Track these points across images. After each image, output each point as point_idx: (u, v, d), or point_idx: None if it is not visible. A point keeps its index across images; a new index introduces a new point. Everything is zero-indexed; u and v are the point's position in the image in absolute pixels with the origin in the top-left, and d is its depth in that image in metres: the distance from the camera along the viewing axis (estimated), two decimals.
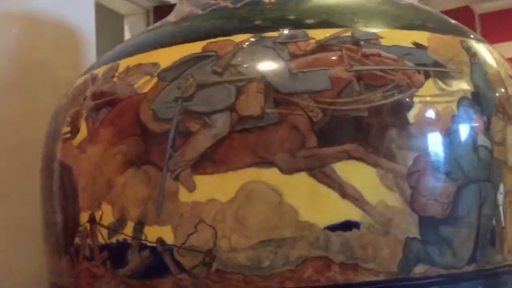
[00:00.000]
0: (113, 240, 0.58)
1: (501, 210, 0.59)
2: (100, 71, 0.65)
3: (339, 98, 0.54)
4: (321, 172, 0.53)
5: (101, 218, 0.59)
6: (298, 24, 0.59)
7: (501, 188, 0.59)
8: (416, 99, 0.56)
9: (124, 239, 0.57)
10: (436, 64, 0.58)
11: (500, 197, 0.59)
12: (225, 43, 0.58)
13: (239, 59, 0.56)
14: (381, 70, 0.56)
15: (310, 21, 0.59)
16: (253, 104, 0.54)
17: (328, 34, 0.58)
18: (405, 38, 0.59)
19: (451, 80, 0.58)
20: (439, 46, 0.60)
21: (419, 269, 0.54)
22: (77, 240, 0.62)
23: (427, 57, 0.58)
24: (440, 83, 0.57)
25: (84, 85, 0.66)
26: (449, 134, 0.56)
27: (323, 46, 0.57)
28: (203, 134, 0.55)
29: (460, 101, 0.58)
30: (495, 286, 0.59)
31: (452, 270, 0.56)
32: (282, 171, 0.53)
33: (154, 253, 0.56)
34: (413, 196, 0.54)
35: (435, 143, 0.56)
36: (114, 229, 0.58)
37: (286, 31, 0.58)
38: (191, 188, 0.55)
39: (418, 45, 0.59)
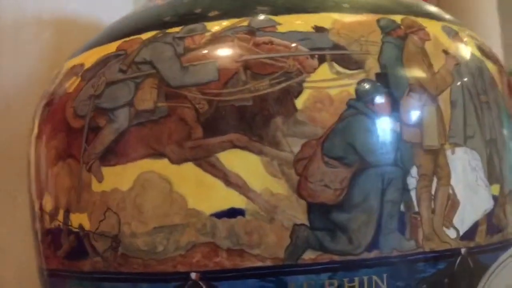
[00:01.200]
0: (52, 225, 0.64)
1: (414, 195, 0.56)
2: (55, 72, 0.71)
3: (225, 88, 0.55)
4: (206, 162, 0.54)
5: (45, 206, 0.65)
6: (201, 17, 0.60)
7: (414, 171, 0.56)
8: (306, 85, 0.55)
9: (59, 225, 0.63)
10: (335, 47, 0.56)
11: (412, 181, 0.56)
12: (135, 41, 0.60)
13: (141, 56, 0.59)
14: (270, 58, 0.55)
15: (213, 13, 0.60)
16: (147, 98, 0.57)
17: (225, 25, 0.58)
18: (306, 22, 0.58)
19: (351, 62, 0.56)
20: (345, 28, 0.58)
21: (308, 255, 0.54)
22: (36, 225, 0.68)
23: (326, 40, 0.56)
24: (337, 67, 0.55)
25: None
26: (343, 119, 0.54)
27: (217, 38, 0.57)
28: (108, 129, 0.58)
29: (359, 84, 0.55)
30: (408, 273, 0.56)
31: (348, 256, 0.54)
32: (172, 161, 0.55)
33: (77, 238, 0.61)
34: (300, 183, 0.53)
35: (325, 128, 0.54)
36: (52, 215, 0.64)
37: (189, 26, 0.59)
38: (100, 178, 0.59)
39: (318, 29, 0.57)
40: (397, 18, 0.60)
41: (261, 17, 0.58)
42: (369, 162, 0.54)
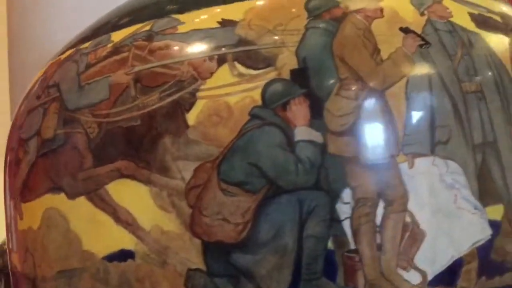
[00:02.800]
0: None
1: (348, 226, 0.41)
2: None
3: (114, 108, 0.46)
4: (97, 195, 0.46)
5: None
6: (112, 27, 0.51)
7: (346, 195, 0.41)
8: (200, 94, 0.43)
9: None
10: (240, 43, 0.44)
11: (345, 209, 0.41)
12: (55, 63, 0.54)
13: (53, 79, 0.52)
14: (163, 66, 0.45)
15: (123, 20, 0.51)
16: (49, 126, 0.50)
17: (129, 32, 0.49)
18: (213, 16, 0.46)
19: (259, 60, 0.43)
20: (259, 17, 0.45)
21: None
22: None
23: (231, 36, 0.44)
24: (240, 67, 0.43)
25: None
26: (244, 133, 0.42)
27: (116, 49, 0.48)
28: (24, 161, 0.52)
29: (267, 86, 0.42)
30: None
31: None
32: (68, 196, 0.47)
33: (14, 278, 0.56)
34: (193, 217, 0.42)
35: (222, 147, 0.42)
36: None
37: (97, 39, 0.51)
38: (21, 216, 0.53)
39: (224, 23, 0.45)
40: None
41: (165, 18, 0.47)
42: (281, 187, 0.41)
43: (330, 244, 0.41)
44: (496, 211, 0.43)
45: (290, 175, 0.41)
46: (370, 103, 0.42)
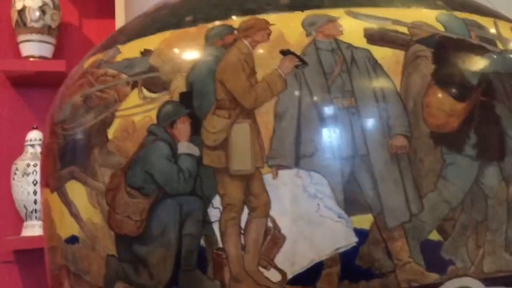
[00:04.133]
0: None
1: (216, 228, 0.47)
2: None
3: (72, 123, 0.57)
4: (61, 192, 0.57)
5: None
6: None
7: (216, 202, 0.47)
8: (117, 114, 0.52)
9: None
10: (149, 70, 0.52)
11: (214, 213, 0.47)
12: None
13: None
14: (100, 90, 0.55)
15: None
16: (45, 135, 0.63)
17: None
18: (139, 46, 0.54)
19: (158, 85, 0.50)
20: (168, 46, 0.52)
21: (119, 286, 0.51)
22: None
23: (145, 64, 0.52)
24: (145, 91, 0.51)
25: None
26: (143, 147, 0.50)
27: (83, 74, 0.59)
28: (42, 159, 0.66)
29: (161, 107, 0.50)
30: None
31: None
32: (50, 190, 0.60)
33: None
34: (109, 213, 0.52)
35: (128, 157, 0.51)
36: None
37: None
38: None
39: (144, 53, 0.53)
40: (238, 21, 0.50)
41: (113, 48, 0.57)
42: (167, 192, 0.48)
43: (202, 242, 0.47)
44: (364, 220, 0.45)
45: (173, 183, 0.48)
46: (240, 121, 0.46)
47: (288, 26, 0.49)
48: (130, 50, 0.54)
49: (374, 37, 0.48)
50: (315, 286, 0.44)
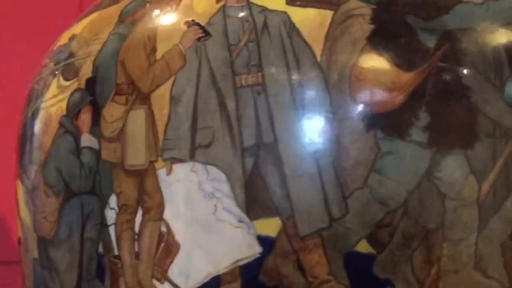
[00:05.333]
0: None
1: (113, 232, 0.40)
2: None
3: (21, 117, 0.54)
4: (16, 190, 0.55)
5: None
6: None
7: (112, 201, 0.40)
8: (42, 106, 0.48)
9: None
10: (69, 56, 0.47)
11: (111, 214, 0.41)
12: None
13: None
14: (35, 82, 0.51)
15: None
16: None
17: None
18: (69, 32, 0.49)
19: (71, 72, 0.45)
20: (87, 29, 0.46)
21: None
22: None
23: (66, 50, 0.47)
24: (61, 80, 0.46)
25: None
26: (54, 141, 0.45)
27: None
28: None
29: (70, 96, 0.44)
30: None
31: None
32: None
33: None
34: (34, 214, 0.48)
35: (45, 153, 0.46)
36: None
37: None
38: None
39: (71, 37, 0.48)
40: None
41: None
42: (72, 190, 0.43)
43: (100, 248, 0.40)
44: (270, 226, 0.35)
45: (76, 180, 0.42)
46: (135, 107, 0.39)
47: None
48: (65, 36, 0.49)
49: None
50: None
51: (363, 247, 0.34)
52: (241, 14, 0.38)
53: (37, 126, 0.46)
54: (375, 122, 0.35)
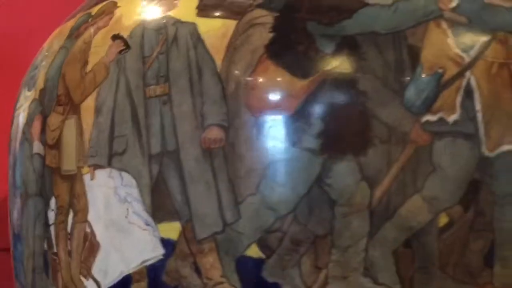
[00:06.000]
0: None
1: (53, 231, 0.44)
2: None
3: None
4: None
5: None
6: None
7: (52, 203, 0.44)
8: (15, 114, 0.53)
9: None
10: (34, 67, 0.51)
11: (51, 215, 0.44)
12: None
13: None
14: None
15: None
16: None
17: None
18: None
19: (32, 83, 0.49)
20: (48, 41, 0.50)
21: None
22: None
23: (35, 61, 0.51)
24: (25, 91, 0.50)
25: None
26: (19, 146, 0.49)
27: None
28: None
29: (29, 106, 0.49)
30: None
31: None
32: None
33: None
34: (11, 211, 0.53)
35: (14, 158, 0.51)
36: None
37: None
38: None
39: (41, 50, 0.52)
40: (96, 8, 0.46)
41: None
42: (28, 192, 0.47)
43: (45, 245, 0.44)
44: (172, 229, 0.37)
45: (30, 183, 0.46)
46: (69, 117, 0.43)
47: (130, 6, 0.43)
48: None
49: (207, 7, 0.39)
50: None
51: (254, 251, 0.35)
52: (156, 26, 0.40)
53: (12, 132, 0.51)
54: (268, 130, 0.35)
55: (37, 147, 0.45)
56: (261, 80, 0.36)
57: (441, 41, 0.36)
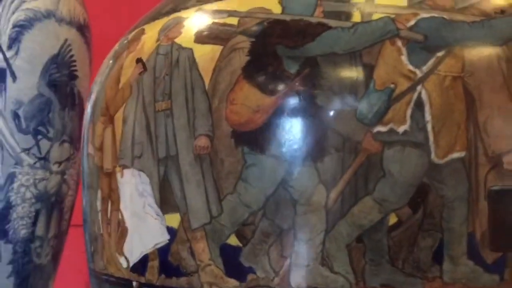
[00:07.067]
0: None
1: (99, 217, 0.54)
2: None
3: None
4: None
5: None
6: None
7: (99, 194, 0.54)
8: None
9: None
10: None
11: (99, 204, 0.54)
12: None
13: None
14: None
15: None
16: None
17: None
18: None
19: (90, 94, 0.59)
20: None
21: None
22: None
23: None
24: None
25: None
26: (82, 147, 0.60)
27: None
28: None
29: (86, 115, 0.59)
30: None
31: None
32: None
33: None
34: None
35: None
36: None
37: None
38: None
39: None
40: (132, 34, 0.55)
41: None
42: (85, 184, 0.57)
43: (96, 228, 0.54)
44: (174, 219, 0.45)
45: (86, 177, 0.56)
46: (108, 125, 0.52)
47: (150, 33, 0.50)
48: None
49: (201, 35, 0.45)
50: (145, 276, 0.47)
51: (233, 240, 0.41)
52: (165, 51, 0.47)
53: (82, 133, 0.61)
54: (242, 140, 0.41)
55: (90, 148, 0.54)
56: (237, 97, 0.41)
57: (395, 58, 0.39)
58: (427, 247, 0.38)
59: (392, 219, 0.38)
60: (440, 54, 0.38)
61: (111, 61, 0.54)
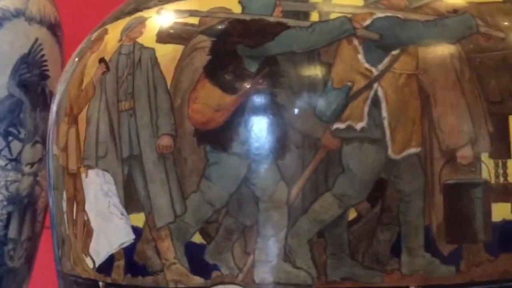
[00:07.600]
0: None
1: (65, 217, 0.53)
2: None
3: None
4: None
5: None
6: None
7: (65, 195, 0.53)
8: None
9: None
10: None
11: (65, 205, 0.54)
12: None
13: None
14: None
15: None
16: None
17: None
18: None
19: (55, 94, 0.59)
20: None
21: None
22: None
23: None
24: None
25: None
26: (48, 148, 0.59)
27: None
28: None
29: (51, 115, 0.58)
30: None
31: None
32: None
33: None
34: None
35: None
36: None
37: None
38: None
39: None
40: (95, 34, 0.54)
41: None
42: (51, 185, 0.57)
43: (62, 229, 0.53)
44: (139, 219, 0.45)
45: (51, 178, 0.55)
46: (72, 126, 0.51)
47: (113, 33, 0.50)
48: None
49: (164, 34, 0.45)
50: (111, 276, 0.46)
51: (198, 238, 0.41)
52: (128, 51, 0.46)
53: (47, 134, 0.60)
54: (204, 138, 0.41)
55: (55, 149, 0.53)
56: (199, 96, 0.41)
57: (351, 57, 0.39)
58: (386, 241, 0.39)
59: (352, 214, 0.39)
60: (395, 52, 0.39)
61: (76, 59, 0.53)
